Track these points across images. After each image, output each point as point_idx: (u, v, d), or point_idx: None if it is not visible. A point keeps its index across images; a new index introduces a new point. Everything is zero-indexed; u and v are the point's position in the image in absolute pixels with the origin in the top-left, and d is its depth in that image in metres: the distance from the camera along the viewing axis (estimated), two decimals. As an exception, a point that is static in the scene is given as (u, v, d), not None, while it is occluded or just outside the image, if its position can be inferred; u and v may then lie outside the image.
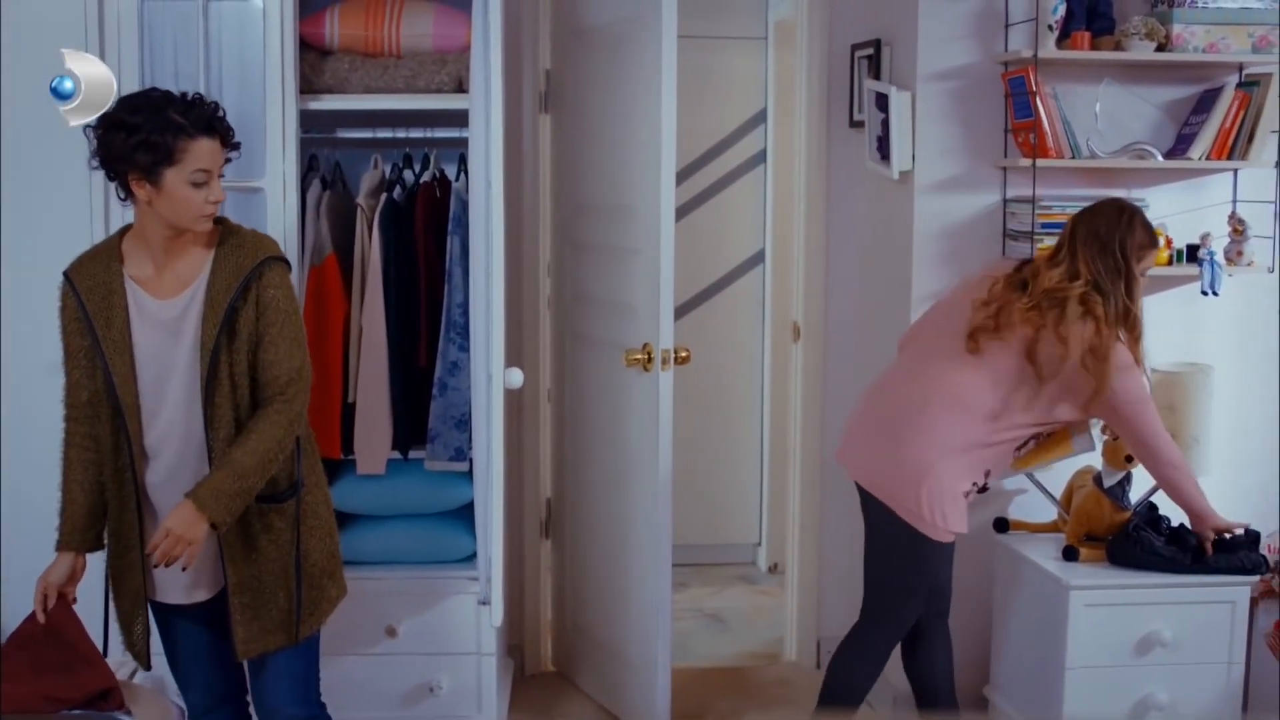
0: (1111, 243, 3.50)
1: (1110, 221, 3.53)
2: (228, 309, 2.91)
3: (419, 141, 4.24)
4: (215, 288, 2.93)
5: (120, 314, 2.93)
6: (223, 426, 2.95)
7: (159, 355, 2.95)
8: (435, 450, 3.98)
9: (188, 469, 2.99)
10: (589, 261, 4.49)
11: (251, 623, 3.04)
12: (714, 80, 5.90)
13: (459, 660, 3.99)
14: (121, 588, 3.09)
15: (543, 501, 4.82)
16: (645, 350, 4.05)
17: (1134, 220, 3.54)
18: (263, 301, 2.95)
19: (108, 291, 2.94)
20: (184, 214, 2.89)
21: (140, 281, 2.96)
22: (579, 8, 4.44)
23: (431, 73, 3.96)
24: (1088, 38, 4.03)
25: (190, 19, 3.78)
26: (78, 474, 3.04)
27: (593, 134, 4.40)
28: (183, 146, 2.84)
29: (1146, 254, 3.56)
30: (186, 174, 2.85)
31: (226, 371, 2.94)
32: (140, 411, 2.96)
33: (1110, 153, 4.09)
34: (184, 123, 2.86)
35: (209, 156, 2.89)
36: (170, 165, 2.84)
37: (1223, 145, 4.07)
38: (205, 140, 2.88)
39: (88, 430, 3.02)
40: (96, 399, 2.99)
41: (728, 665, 5.01)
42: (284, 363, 2.97)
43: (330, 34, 3.95)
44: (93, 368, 2.98)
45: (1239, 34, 4.02)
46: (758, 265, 6.07)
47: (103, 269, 2.97)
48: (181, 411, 2.96)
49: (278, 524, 3.05)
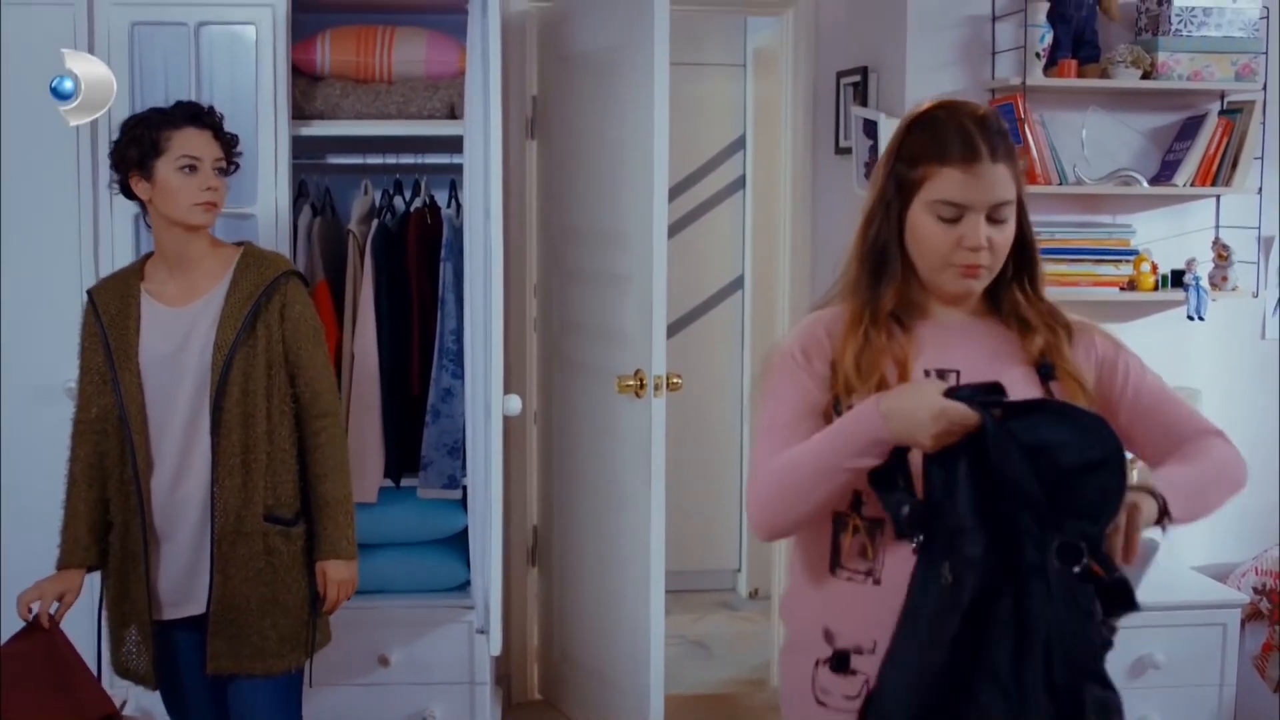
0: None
1: None
2: (249, 313, 2.95)
3: (410, 168, 4.22)
4: (236, 295, 2.98)
5: (133, 323, 2.98)
6: (231, 433, 2.95)
7: (167, 362, 2.97)
8: (428, 478, 3.96)
9: (193, 478, 2.98)
10: (578, 287, 4.48)
11: (227, 640, 2.99)
12: (692, 107, 5.91)
13: (452, 690, 3.97)
14: (123, 603, 3.05)
15: (530, 529, 4.80)
16: (637, 376, 4.04)
17: None
18: (291, 316, 3.02)
19: (124, 304, 3.00)
20: (177, 203, 2.96)
21: (156, 294, 3.02)
22: (566, 34, 4.45)
23: (423, 99, 3.96)
24: (1074, 65, 4.07)
25: (181, 44, 3.77)
26: (82, 490, 3.04)
27: (581, 160, 4.40)
28: (167, 135, 2.96)
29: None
30: (174, 161, 2.95)
31: (240, 377, 2.95)
32: (147, 421, 2.97)
33: (1096, 179, 4.13)
34: (167, 115, 2.99)
35: (196, 144, 2.97)
36: (158, 156, 2.95)
37: (1206, 171, 4.11)
38: (191, 129, 2.98)
39: (94, 446, 3.03)
40: (105, 415, 3.01)
41: (716, 692, 5.00)
42: (323, 379, 3.07)
43: (322, 60, 3.94)
44: (104, 384, 3.00)
45: (1222, 62, 4.07)
46: (737, 291, 6.08)
47: (122, 284, 3.05)
48: (188, 419, 2.97)
49: (280, 547, 3.02)
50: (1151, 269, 4.13)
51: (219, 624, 2.99)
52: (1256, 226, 4.18)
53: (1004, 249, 2.09)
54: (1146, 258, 4.14)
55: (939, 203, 2.05)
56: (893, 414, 1.91)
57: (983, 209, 2.04)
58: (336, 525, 3.05)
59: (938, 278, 2.10)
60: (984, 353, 2.13)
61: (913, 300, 2.16)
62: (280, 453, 3.02)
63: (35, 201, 3.77)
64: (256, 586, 3.00)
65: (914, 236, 2.10)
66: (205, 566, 2.99)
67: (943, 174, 2.04)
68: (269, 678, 3.04)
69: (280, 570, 3.02)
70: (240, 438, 2.96)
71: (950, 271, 2.08)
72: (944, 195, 2.05)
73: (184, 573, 3.02)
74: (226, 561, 2.98)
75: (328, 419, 3.07)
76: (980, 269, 2.07)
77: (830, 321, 2.16)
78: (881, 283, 2.13)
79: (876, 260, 2.13)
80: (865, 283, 2.14)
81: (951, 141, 2.05)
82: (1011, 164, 2.08)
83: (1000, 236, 2.08)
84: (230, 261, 3.04)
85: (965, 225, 2.05)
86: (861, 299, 2.13)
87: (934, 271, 2.10)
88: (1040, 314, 2.17)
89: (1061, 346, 2.14)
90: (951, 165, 2.03)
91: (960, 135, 2.05)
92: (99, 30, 3.72)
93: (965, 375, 2.07)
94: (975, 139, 2.04)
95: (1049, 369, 2.12)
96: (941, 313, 2.17)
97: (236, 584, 2.99)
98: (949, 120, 2.08)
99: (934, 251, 2.08)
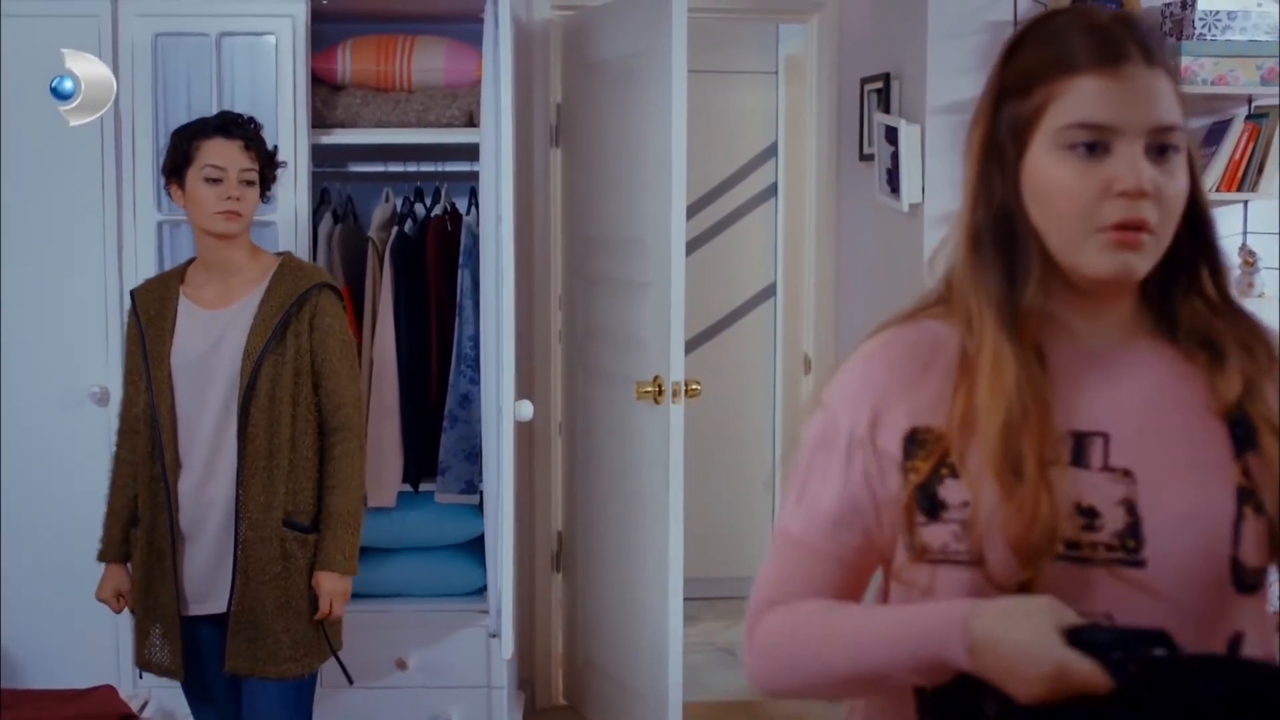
0: None
1: None
2: (279, 322, 3.01)
3: (430, 175, 4.26)
4: (269, 303, 3.04)
5: (168, 327, 3.05)
6: (257, 438, 3.01)
7: (198, 363, 3.04)
8: (446, 483, 3.99)
9: (219, 479, 3.04)
10: (600, 295, 4.50)
11: (245, 641, 3.05)
12: (725, 114, 5.92)
13: (469, 694, 3.99)
14: (148, 598, 3.11)
15: (554, 534, 4.82)
16: (656, 383, 4.05)
17: None
18: (320, 327, 3.08)
19: (162, 305, 3.08)
20: (200, 212, 3.05)
21: (194, 296, 3.10)
22: (589, 42, 4.47)
23: (442, 107, 3.99)
24: (1096, 70, 4.04)
25: (203, 54, 3.82)
26: (121, 487, 3.14)
27: (603, 168, 4.42)
28: (197, 145, 3.05)
29: None
30: (200, 171, 3.03)
31: (268, 384, 3.01)
32: (176, 420, 3.04)
33: (1120, 185, 4.09)
34: (202, 125, 3.08)
35: (222, 155, 3.04)
36: (188, 165, 3.04)
37: (1232, 177, 4.07)
38: (220, 139, 3.05)
39: (133, 445, 3.12)
40: (140, 414, 3.08)
41: (741, 699, 4.98)
42: (346, 391, 3.11)
43: (342, 69, 3.98)
44: (141, 383, 3.07)
45: (1247, 66, 4.02)
46: (769, 298, 6.07)
47: (163, 286, 3.14)
48: (217, 422, 3.04)
49: (296, 553, 3.07)
50: (1177, 276, 4.09)
51: (238, 624, 3.04)
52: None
53: (1176, 205, 1.37)
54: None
55: (1072, 127, 1.36)
56: (985, 648, 1.26)
57: (1140, 134, 1.34)
58: (337, 538, 3.08)
59: (1078, 254, 1.37)
60: (1151, 400, 1.42)
61: (1042, 309, 1.42)
62: (302, 460, 3.07)
63: (59, 209, 3.83)
64: (273, 590, 3.05)
65: (1036, 194, 1.39)
66: (228, 566, 3.05)
67: (1074, 86, 1.36)
68: (281, 681, 3.08)
69: (295, 575, 3.07)
70: (265, 443, 3.01)
71: (1097, 241, 1.35)
72: (1079, 116, 1.35)
73: (208, 571, 3.08)
74: (247, 563, 3.03)
75: (345, 432, 3.10)
76: (1143, 231, 1.35)
77: (912, 349, 1.45)
78: (1017, 278, 1.40)
79: (1000, 241, 1.41)
80: (995, 282, 1.41)
81: (1081, 41, 1.37)
82: (1174, 79, 1.40)
83: (1171, 184, 1.35)
84: (268, 270, 3.11)
85: (1117, 160, 1.34)
86: (998, 309, 1.40)
87: (1072, 244, 1.37)
88: (1234, 329, 1.44)
89: (1263, 385, 1.41)
90: (1086, 72, 1.35)
91: (1094, 34, 1.38)
92: (123, 41, 3.78)
93: (1120, 438, 1.38)
94: (1118, 35, 1.37)
95: (1248, 429, 1.39)
96: (1082, 329, 1.44)
97: (255, 586, 3.04)
98: (1075, 20, 1.41)
99: (1070, 207, 1.36)
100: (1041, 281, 1.40)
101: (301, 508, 3.07)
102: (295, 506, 3.06)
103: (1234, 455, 1.38)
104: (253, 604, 3.03)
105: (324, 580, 3.08)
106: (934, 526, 1.39)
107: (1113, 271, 1.36)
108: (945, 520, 1.38)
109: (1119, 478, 1.37)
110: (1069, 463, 1.38)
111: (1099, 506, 1.36)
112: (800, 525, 1.46)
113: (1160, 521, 1.36)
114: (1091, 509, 1.36)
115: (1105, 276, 1.37)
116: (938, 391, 1.41)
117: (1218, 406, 1.39)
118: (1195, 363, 1.42)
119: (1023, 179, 1.40)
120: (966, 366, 1.40)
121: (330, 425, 3.10)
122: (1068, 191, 1.36)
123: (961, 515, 1.37)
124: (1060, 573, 1.35)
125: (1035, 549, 1.33)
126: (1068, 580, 1.35)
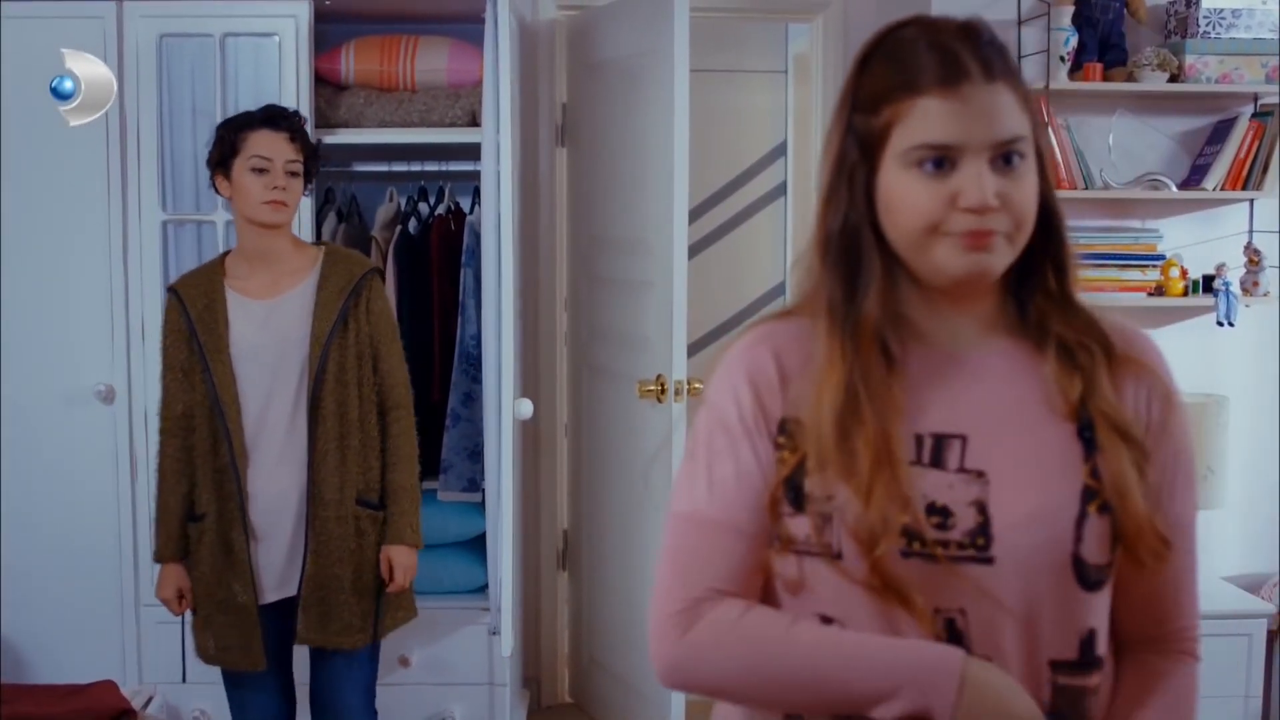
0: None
1: None
2: (343, 307, 3.08)
3: (434, 175, 4.28)
4: (327, 289, 3.11)
5: (221, 317, 3.09)
6: (328, 420, 3.08)
7: (257, 353, 3.09)
8: (448, 481, 4.00)
9: (290, 465, 3.10)
10: (605, 295, 4.51)
11: (317, 616, 3.13)
12: (735, 114, 5.93)
13: (472, 691, 4.00)
14: (219, 590, 3.13)
15: (560, 533, 4.83)
16: (658, 382, 4.06)
17: None
18: (374, 311, 3.16)
19: (210, 300, 3.10)
20: (247, 202, 3.08)
21: (240, 288, 3.13)
22: (595, 41, 4.48)
23: (445, 107, 4.00)
24: (1100, 69, 4.03)
25: (208, 54, 3.84)
26: (173, 485, 3.15)
27: (608, 167, 4.43)
28: (244, 136, 3.08)
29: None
30: (247, 161, 3.07)
31: (335, 367, 3.08)
32: (241, 412, 3.08)
33: (1124, 183, 4.08)
34: (248, 117, 3.14)
35: (268, 145, 3.08)
36: (235, 156, 3.08)
37: (1237, 175, 4.06)
38: (266, 131, 3.09)
39: (181, 443, 3.14)
40: (190, 411, 3.11)
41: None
42: (399, 371, 3.21)
43: (346, 69, 4.00)
44: (190, 381, 3.10)
45: (1252, 64, 4.01)
46: (778, 298, 6.08)
47: (206, 279, 3.15)
48: (286, 409, 3.09)
49: (368, 529, 3.16)
50: (1181, 274, 4.07)
51: (309, 601, 3.12)
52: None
53: (1026, 207, 1.40)
54: (1176, 263, 4.09)
55: (917, 148, 1.39)
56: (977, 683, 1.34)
57: (982, 149, 1.38)
58: (405, 513, 3.18)
59: (933, 259, 1.41)
60: (1006, 400, 1.46)
61: (898, 313, 1.47)
62: (369, 440, 3.17)
63: (64, 209, 3.86)
64: (347, 567, 3.14)
65: (888, 207, 1.42)
66: (300, 550, 3.12)
67: (917, 107, 1.39)
68: (354, 650, 3.20)
69: (367, 551, 3.17)
70: (335, 425, 3.09)
71: (949, 244, 1.39)
72: (922, 137, 1.39)
73: (283, 558, 3.15)
74: (320, 543, 3.10)
75: (401, 410, 3.21)
76: (992, 234, 1.38)
77: (785, 344, 1.49)
78: (858, 287, 1.44)
79: (844, 252, 1.46)
80: (835, 289, 1.45)
81: (924, 60, 1.40)
82: (1016, 87, 1.43)
83: (1018, 191, 1.39)
84: (314, 259, 3.17)
85: (962, 175, 1.38)
86: (833, 315, 1.45)
87: (922, 250, 1.41)
88: (1071, 325, 1.48)
89: (1100, 381, 1.45)
90: (927, 93, 1.39)
91: (935, 52, 1.40)
92: (128, 42, 3.80)
93: (976, 440, 1.43)
94: (958, 53, 1.39)
95: (1091, 427, 1.43)
96: (942, 332, 1.48)
97: (328, 564, 3.11)
98: (919, 35, 1.44)
99: (920, 221, 1.40)
100: (888, 290, 1.44)
101: (370, 485, 3.16)
102: (366, 485, 3.15)
103: (1084, 456, 1.43)
104: (326, 581, 3.12)
105: (396, 554, 3.18)
106: (799, 518, 1.44)
107: (966, 270, 1.41)
108: (809, 513, 1.43)
109: (973, 479, 1.42)
110: (929, 463, 1.42)
111: (952, 506, 1.41)
112: (718, 507, 1.46)
113: (1007, 521, 1.40)
114: (945, 508, 1.41)
115: (961, 276, 1.41)
116: (806, 386, 1.45)
117: (1064, 407, 1.44)
118: (1048, 361, 1.46)
119: (877, 193, 1.44)
120: (820, 376, 1.45)
121: (387, 404, 3.19)
122: (917, 207, 1.40)
123: (821, 508, 1.41)
124: (915, 570, 1.39)
125: (872, 542, 1.37)
126: (922, 577, 1.39)
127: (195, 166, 3.87)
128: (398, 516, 3.17)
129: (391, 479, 3.18)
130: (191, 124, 3.87)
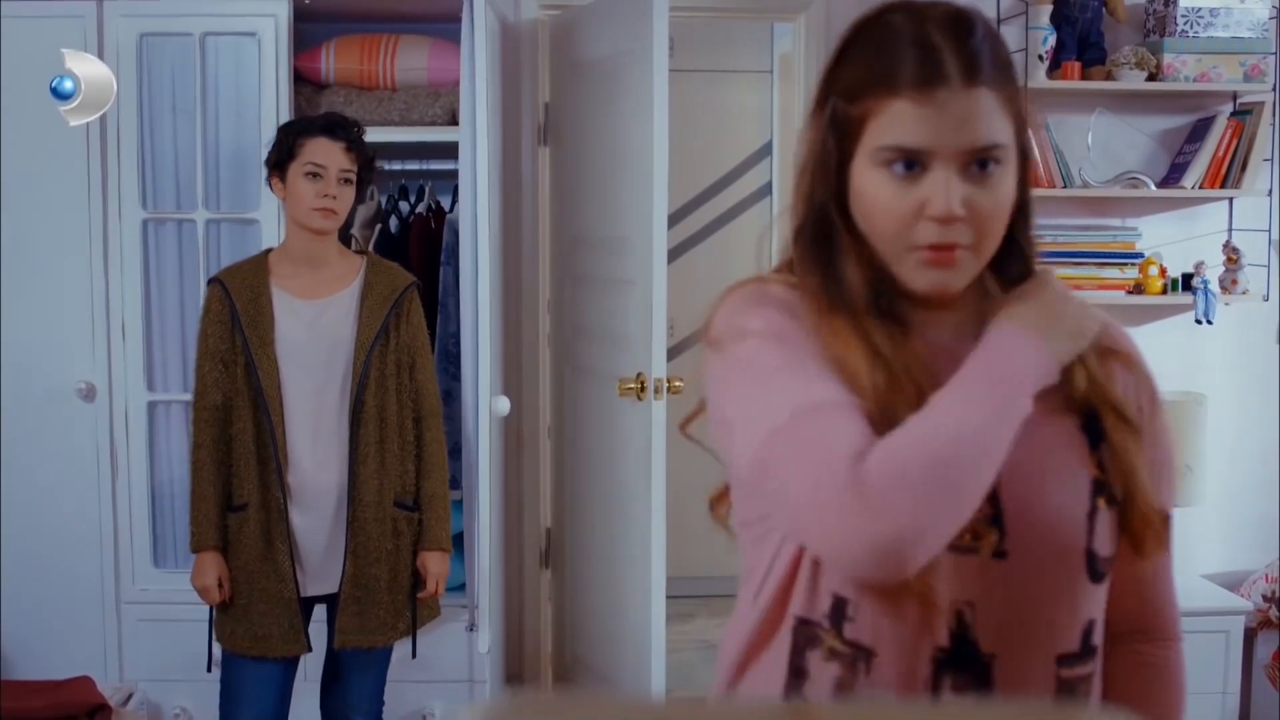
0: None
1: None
2: (386, 317, 3.17)
3: (415, 174, 4.29)
4: (372, 298, 3.19)
5: (267, 313, 3.14)
6: (368, 423, 3.15)
7: (300, 350, 3.15)
8: (429, 478, 4.01)
9: (332, 464, 3.17)
10: (586, 294, 4.52)
11: (356, 616, 3.20)
12: (721, 114, 5.93)
13: (452, 688, 4.00)
14: (259, 580, 3.17)
15: (543, 531, 4.83)
16: (638, 380, 4.07)
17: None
18: (413, 323, 3.25)
19: (255, 295, 3.15)
20: (299, 206, 3.15)
21: (285, 287, 3.18)
22: (576, 41, 4.49)
23: (425, 106, 4.02)
24: (1078, 68, 4.05)
25: (188, 54, 3.85)
26: (209, 474, 3.18)
27: (590, 167, 4.44)
28: (301, 142, 3.15)
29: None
30: (302, 166, 3.12)
31: (377, 373, 3.16)
32: (284, 407, 3.14)
33: (1103, 182, 4.10)
34: (307, 123, 3.21)
35: (324, 153, 3.14)
36: (291, 160, 3.15)
37: (1216, 174, 4.07)
38: (323, 138, 3.15)
39: (218, 433, 3.18)
40: (228, 403, 3.16)
41: (729, 696, 4.99)
42: (431, 382, 3.31)
43: (326, 68, 4.01)
44: (230, 372, 3.14)
45: (1230, 63, 4.03)
46: (765, 298, 6.07)
47: (251, 274, 3.20)
48: (329, 409, 3.17)
49: (404, 530, 3.25)
50: (1160, 272, 4.09)
51: (349, 601, 3.19)
52: (1268, 230, 4.13)
53: (995, 218, 1.36)
54: (1155, 261, 4.10)
55: (888, 149, 1.35)
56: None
57: (952, 157, 1.33)
58: (439, 518, 3.27)
59: (899, 268, 1.39)
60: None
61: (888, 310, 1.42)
62: (406, 444, 3.25)
63: (45, 207, 3.87)
64: (384, 567, 3.22)
65: (860, 205, 1.39)
66: (340, 548, 3.18)
67: (891, 107, 1.34)
68: (386, 648, 3.33)
69: (403, 552, 3.26)
70: (375, 429, 3.16)
71: (913, 259, 1.36)
72: (893, 139, 1.35)
73: (322, 553, 3.21)
74: (360, 544, 3.17)
75: (434, 419, 3.29)
76: (955, 250, 1.35)
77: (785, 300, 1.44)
78: (832, 271, 1.43)
79: (817, 234, 1.43)
80: (809, 267, 1.44)
81: (903, 57, 1.34)
82: (1002, 89, 1.36)
83: (988, 201, 1.35)
84: (356, 267, 3.25)
85: (930, 182, 1.34)
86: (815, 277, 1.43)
87: (894, 258, 1.38)
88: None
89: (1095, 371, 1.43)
90: (902, 95, 1.34)
91: (916, 49, 1.34)
92: (108, 41, 3.81)
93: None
94: (939, 51, 1.33)
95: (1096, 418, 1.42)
96: (925, 325, 1.44)
97: (366, 564, 3.19)
98: (905, 26, 1.37)
99: (887, 225, 1.37)
100: (867, 281, 1.40)
101: (406, 488, 3.25)
102: (403, 488, 3.24)
103: (1090, 448, 1.41)
104: (365, 581, 3.20)
105: (432, 560, 3.28)
106: None
107: (927, 288, 1.38)
108: None
109: None
110: None
111: None
112: (819, 393, 1.32)
113: (1020, 516, 1.38)
114: None
115: (925, 292, 1.39)
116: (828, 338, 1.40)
117: (1065, 400, 1.40)
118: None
119: (850, 186, 1.40)
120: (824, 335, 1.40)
121: (421, 412, 3.27)
122: (885, 210, 1.37)
123: None
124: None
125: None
126: (933, 568, 1.33)
127: (175, 165, 3.89)
128: (433, 524, 3.26)
129: (425, 486, 3.27)
130: (172, 123, 3.88)
